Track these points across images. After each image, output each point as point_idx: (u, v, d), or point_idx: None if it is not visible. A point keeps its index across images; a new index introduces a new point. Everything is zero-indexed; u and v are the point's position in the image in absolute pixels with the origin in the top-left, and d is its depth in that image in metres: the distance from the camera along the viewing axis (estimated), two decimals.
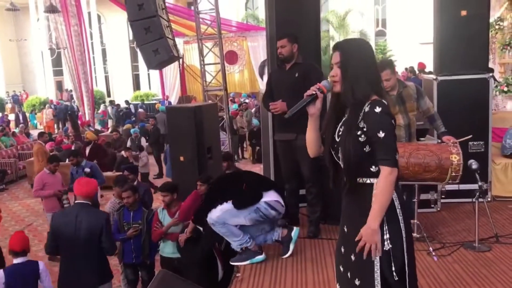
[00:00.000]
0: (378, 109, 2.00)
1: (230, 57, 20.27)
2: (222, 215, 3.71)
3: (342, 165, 2.12)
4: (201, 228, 4.08)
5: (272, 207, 3.79)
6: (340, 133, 2.11)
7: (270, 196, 3.83)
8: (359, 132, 2.03)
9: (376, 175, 2.02)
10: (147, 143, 13.17)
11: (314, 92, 2.10)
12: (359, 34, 24.57)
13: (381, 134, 1.98)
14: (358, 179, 2.06)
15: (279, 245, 3.98)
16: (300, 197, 4.70)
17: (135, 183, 5.66)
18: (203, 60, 9.64)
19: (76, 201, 4.29)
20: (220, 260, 4.11)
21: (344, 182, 2.12)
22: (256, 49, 19.79)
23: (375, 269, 2.01)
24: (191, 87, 22.57)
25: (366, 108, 2.03)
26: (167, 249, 4.81)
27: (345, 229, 2.16)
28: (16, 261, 3.86)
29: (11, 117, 22.84)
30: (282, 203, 3.90)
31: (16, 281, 3.78)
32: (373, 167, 2.03)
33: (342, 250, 2.17)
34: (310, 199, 4.42)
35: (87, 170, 6.76)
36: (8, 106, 27.27)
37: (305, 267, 3.68)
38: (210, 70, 10.56)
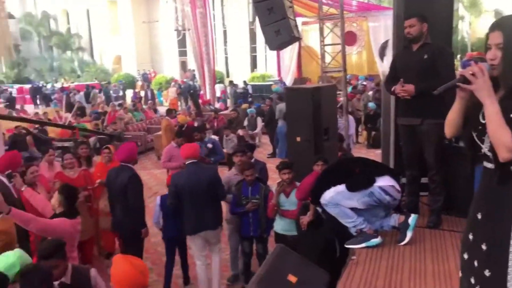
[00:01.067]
0: None
1: (349, 38, 19.73)
2: (335, 196, 3.71)
3: (485, 150, 1.97)
4: (319, 209, 4.11)
5: (386, 192, 3.70)
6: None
7: (385, 181, 3.73)
8: None
9: None
10: (262, 123, 13.52)
11: (471, 73, 1.92)
12: (493, 13, 22.38)
13: None
14: (511, 167, 1.90)
15: (396, 231, 3.88)
16: (422, 185, 4.50)
17: (253, 160, 5.86)
18: (323, 41, 9.56)
19: (187, 163, 5.03)
20: (338, 243, 4.11)
21: (492, 169, 1.97)
22: (377, 29, 19.07)
23: (510, 262, 1.87)
24: (306, 68, 22.57)
25: None
26: (282, 226, 4.94)
27: (478, 216, 2.03)
28: None
29: (141, 94, 24.88)
30: (398, 188, 3.78)
31: None
32: None
33: (470, 237, 2.05)
34: (433, 187, 4.20)
35: (209, 145, 7.16)
36: (139, 83, 29.72)
37: (424, 257, 3.54)
38: (328, 51, 10.43)
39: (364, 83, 18.42)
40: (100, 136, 11.15)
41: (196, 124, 11.31)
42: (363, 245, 3.70)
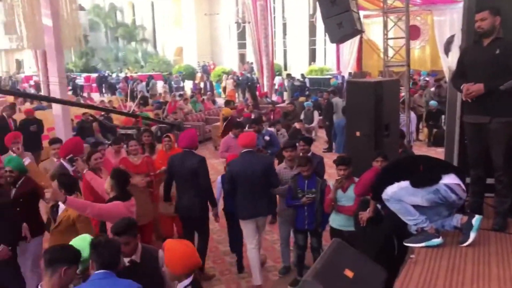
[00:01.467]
0: None
1: (412, 32, 19.07)
2: (398, 191, 3.62)
3: None
4: (379, 206, 4.05)
5: (452, 190, 3.57)
6: None
7: (450, 179, 3.61)
8: None
9: None
10: (320, 117, 13.42)
11: None
12: None
13: None
14: None
15: (458, 232, 3.75)
16: (487, 186, 4.31)
17: (310, 154, 5.84)
18: (387, 34, 9.33)
19: (242, 151, 5.23)
20: (397, 241, 4.04)
21: None
22: (443, 23, 18.37)
23: None
24: (366, 62, 22.11)
25: None
26: (338, 221, 4.91)
27: None
28: None
29: (201, 85, 25.37)
30: (464, 187, 3.65)
31: None
32: None
33: None
34: (500, 188, 4.01)
35: (267, 138, 7.20)
36: (198, 75, 30.32)
37: (489, 260, 3.40)
38: (391, 45, 10.16)
39: (427, 78, 17.80)
40: (161, 125, 11.50)
41: (253, 116, 11.41)
42: (423, 244, 3.60)
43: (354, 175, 4.76)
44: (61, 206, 4.08)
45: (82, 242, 2.97)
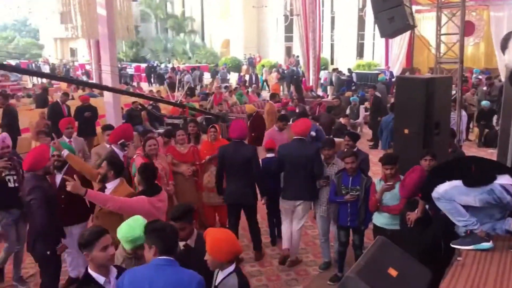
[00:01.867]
0: None
1: (466, 28, 18.47)
2: (450, 190, 3.51)
3: None
4: (426, 206, 3.95)
5: (507, 191, 3.42)
6: None
7: (506, 180, 3.45)
8: None
9: None
10: (366, 113, 13.20)
11: None
12: None
13: None
14: None
15: (510, 237, 3.61)
16: None
17: (355, 149, 5.77)
18: (440, 30, 9.03)
19: (294, 138, 5.52)
20: (444, 242, 3.93)
21: None
22: (500, 19, 17.61)
23: None
24: (415, 59, 21.50)
25: None
26: (381, 220, 4.83)
27: None
28: None
29: (246, 77, 25.49)
30: None
31: None
32: None
33: None
34: None
35: (313, 133, 7.15)
36: (244, 67, 30.45)
37: None
38: (443, 41, 9.84)
39: (480, 77, 17.13)
40: (206, 116, 11.67)
41: (297, 110, 11.37)
42: (471, 247, 3.49)
43: (402, 173, 4.66)
44: (108, 188, 4.17)
45: (134, 222, 3.07)
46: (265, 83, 24.75)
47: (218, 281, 2.93)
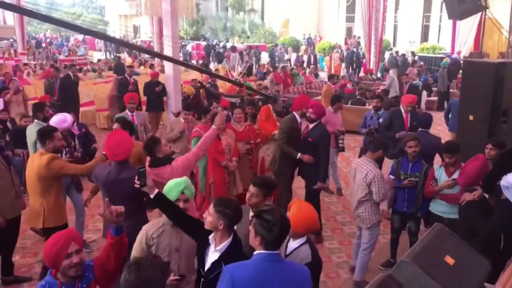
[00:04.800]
0: None
1: None
2: None
3: None
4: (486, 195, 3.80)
5: None
6: None
7: None
8: None
9: None
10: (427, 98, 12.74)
11: None
12: None
13: None
14: None
15: None
16: None
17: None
18: None
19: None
20: (504, 234, 3.77)
21: None
22: None
23: None
24: (485, 42, 20.33)
25: None
26: (438, 207, 4.71)
27: None
28: None
29: (304, 58, 25.22)
30: None
31: None
32: None
33: None
34: None
35: (381, 120, 7.01)
36: (303, 47, 30.07)
37: None
38: None
39: None
40: (260, 96, 11.69)
41: (357, 93, 11.15)
42: None
43: (463, 161, 4.49)
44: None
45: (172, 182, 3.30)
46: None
47: (289, 250, 2.98)
